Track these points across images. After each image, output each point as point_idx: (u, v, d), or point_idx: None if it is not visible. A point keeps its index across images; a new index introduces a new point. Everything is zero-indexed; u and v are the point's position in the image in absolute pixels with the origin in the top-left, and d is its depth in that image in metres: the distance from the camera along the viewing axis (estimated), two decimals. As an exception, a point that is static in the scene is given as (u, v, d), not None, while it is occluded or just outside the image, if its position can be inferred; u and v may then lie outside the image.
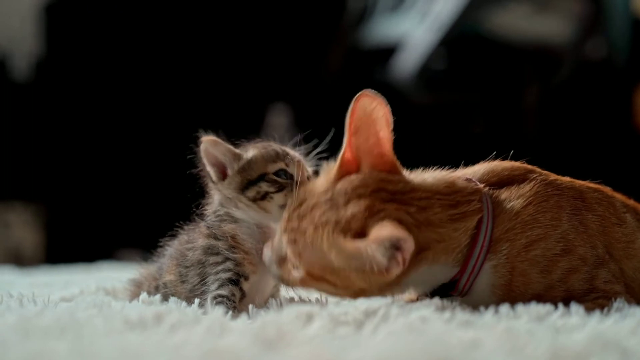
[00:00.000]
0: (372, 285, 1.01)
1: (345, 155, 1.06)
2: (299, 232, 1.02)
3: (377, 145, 1.05)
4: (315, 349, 0.77)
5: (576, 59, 3.36)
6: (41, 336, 0.85)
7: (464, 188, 1.06)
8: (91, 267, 2.35)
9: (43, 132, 3.64)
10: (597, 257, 1.06)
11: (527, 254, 1.03)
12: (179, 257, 1.19)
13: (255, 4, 3.76)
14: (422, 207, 1.02)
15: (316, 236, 1.00)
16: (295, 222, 1.03)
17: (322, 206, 1.02)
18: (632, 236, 1.12)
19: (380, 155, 1.05)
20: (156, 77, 3.67)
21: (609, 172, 3.18)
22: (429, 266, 1.02)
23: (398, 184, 1.04)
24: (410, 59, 3.19)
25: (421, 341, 0.79)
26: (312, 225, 1.01)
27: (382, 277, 0.97)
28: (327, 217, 1.00)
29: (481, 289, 1.04)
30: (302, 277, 1.03)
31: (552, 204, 1.06)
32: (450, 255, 1.03)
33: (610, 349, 0.79)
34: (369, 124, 1.04)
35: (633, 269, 1.11)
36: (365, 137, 1.05)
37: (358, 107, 1.03)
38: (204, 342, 0.81)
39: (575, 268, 1.04)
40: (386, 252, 0.94)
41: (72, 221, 3.65)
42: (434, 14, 3.18)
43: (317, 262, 1.01)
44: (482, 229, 1.03)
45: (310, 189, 1.07)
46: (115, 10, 3.69)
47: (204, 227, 1.18)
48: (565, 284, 1.04)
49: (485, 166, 1.12)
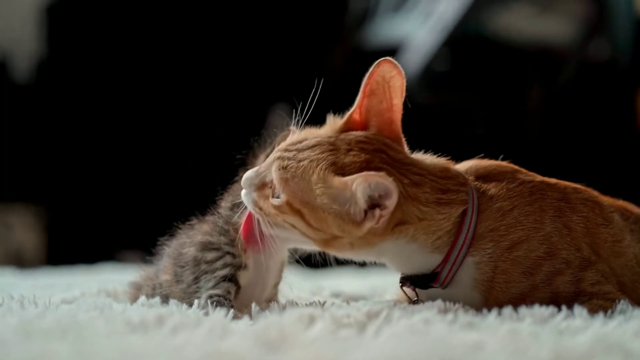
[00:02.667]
0: (344, 235, 1.02)
1: (354, 115, 1.09)
2: (293, 161, 1.04)
3: (389, 110, 1.08)
4: (318, 351, 0.77)
5: (579, 60, 3.36)
6: (42, 338, 0.84)
7: (455, 176, 1.07)
8: (92, 268, 2.35)
9: (44, 133, 3.64)
10: (582, 260, 1.06)
11: (510, 254, 1.04)
12: (175, 256, 1.18)
13: (257, 5, 3.76)
14: (414, 182, 1.04)
15: (308, 168, 1.02)
16: (292, 153, 1.05)
17: (323, 147, 1.04)
18: (619, 235, 1.12)
19: (390, 122, 1.08)
20: (158, 78, 3.67)
21: (612, 173, 3.18)
22: (407, 242, 1.04)
23: (399, 153, 1.07)
24: (413, 60, 3.19)
25: (424, 343, 0.79)
26: (308, 158, 1.03)
27: (355, 227, 1.00)
28: (326, 156, 1.03)
29: (463, 282, 1.06)
30: (279, 205, 1.04)
31: (535, 207, 1.07)
32: (429, 237, 1.04)
33: (614, 351, 0.78)
34: (385, 89, 1.07)
35: (622, 267, 1.11)
36: (378, 100, 1.07)
37: (378, 71, 1.06)
38: (205, 344, 0.81)
39: (559, 271, 1.04)
40: (369, 197, 0.97)
41: (74, 223, 3.65)
42: (436, 14, 3.18)
43: (300, 193, 1.02)
44: (465, 221, 1.04)
45: (313, 131, 1.09)
46: (116, 11, 3.68)
47: (210, 223, 1.17)
48: (550, 286, 1.04)
49: (473, 162, 1.14)
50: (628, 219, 1.16)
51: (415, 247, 1.04)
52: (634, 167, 3.25)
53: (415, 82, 3.17)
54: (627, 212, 1.17)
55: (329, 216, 1.01)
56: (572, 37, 3.25)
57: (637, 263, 1.12)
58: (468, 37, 3.20)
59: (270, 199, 1.05)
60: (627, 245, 1.12)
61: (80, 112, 3.65)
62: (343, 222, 1.00)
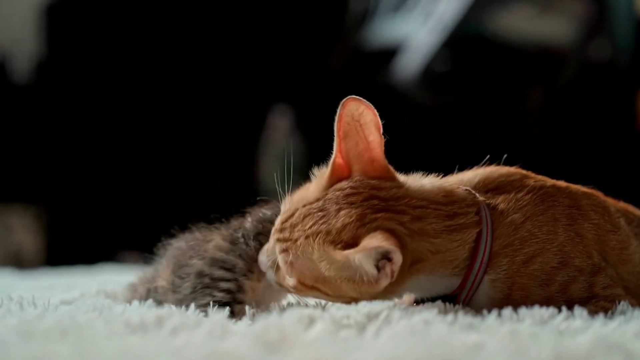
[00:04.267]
0: (363, 295, 1.01)
1: (337, 160, 1.05)
2: (290, 242, 1.02)
3: (367, 150, 1.04)
4: (318, 352, 0.77)
5: (579, 61, 3.36)
6: (42, 339, 0.84)
7: (462, 199, 1.04)
8: (92, 269, 2.35)
9: (44, 134, 3.64)
10: (593, 266, 1.05)
11: (526, 269, 1.02)
12: (177, 266, 1.16)
13: (257, 5, 3.76)
14: (417, 217, 1.00)
15: (307, 246, 1.00)
16: (287, 232, 1.03)
17: (314, 215, 1.01)
18: (626, 242, 1.11)
19: (371, 161, 1.04)
20: (157, 78, 3.67)
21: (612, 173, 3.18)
22: (427, 276, 1.01)
23: (390, 190, 1.02)
24: (413, 61, 3.19)
25: (424, 344, 0.79)
26: (303, 235, 1.00)
27: (371, 287, 0.98)
28: (318, 227, 1.00)
29: (481, 302, 1.04)
30: (295, 286, 1.03)
31: (548, 217, 1.05)
32: (447, 267, 1.02)
33: (614, 352, 0.78)
34: (357, 129, 1.03)
35: (628, 273, 1.10)
36: (354, 142, 1.04)
37: (345, 113, 1.02)
38: (205, 344, 0.81)
39: (573, 279, 1.03)
40: (374, 262, 0.95)
41: (73, 223, 3.65)
42: (436, 14, 3.18)
43: (308, 272, 1.01)
44: (481, 243, 1.02)
45: (302, 196, 1.06)
46: (116, 11, 3.68)
47: (227, 240, 1.14)
48: (565, 294, 1.03)
49: (480, 172, 1.11)
50: (631, 223, 1.15)
51: (435, 277, 1.02)
52: (634, 167, 3.25)
53: (415, 82, 3.17)
54: (630, 215, 1.17)
55: (342, 284, 0.99)
56: (572, 37, 3.25)
57: None
58: (468, 38, 3.20)
59: (286, 279, 1.05)
60: (633, 252, 1.11)
61: (79, 113, 3.65)
62: (358, 286, 0.99)
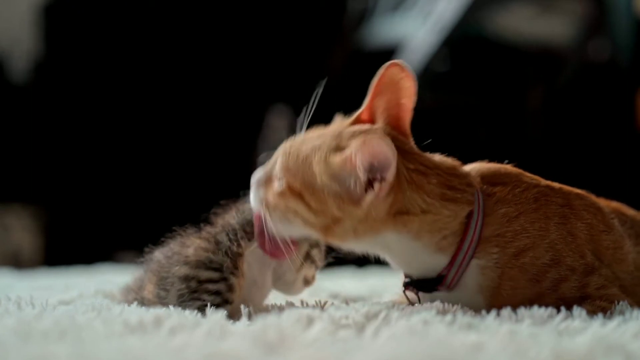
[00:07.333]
0: (345, 216, 1.01)
1: (362, 115, 1.09)
2: (296, 148, 1.05)
3: (398, 108, 1.08)
4: (317, 353, 0.77)
5: (579, 61, 3.35)
6: (41, 339, 0.84)
7: (463, 176, 1.07)
8: (90, 269, 2.34)
9: (42, 134, 3.63)
10: (586, 266, 1.06)
11: (517, 261, 1.03)
12: (157, 278, 1.13)
13: (256, 5, 3.76)
14: (420, 171, 1.03)
15: (311, 152, 1.03)
16: (297, 144, 1.06)
17: (327, 137, 1.04)
18: (620, 242, 1.12)
19: (397, 118, 1.08)
20: (156, 78, 3.67)
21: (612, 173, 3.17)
22: (412, 239, 1.03)
23: (406, 144, 1.06)
24: (412, 60, 3.18)
25: (423, 344, 0.79)
26: (311, 146, 1.04)
27: (356, 207, 0.99)
28: (328, 142, 1.03)
29: (468, 286, 1.05)
30: (281, 191, 1.04)
31: (540, 214, 1.06)
32: (435, 235, 1.03)
33: (614, 352, 0.78)
34: (394, 90, 1.07)
35: (623, 272, 1.11)
36: (387, 99, 1.07)
37: (386, 74, 1.06)
38: (204, 345, 0.81)
39: (565, 277, 1.04)
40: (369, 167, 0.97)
41: (71, 224, 3.64)
42: (436, 14, 3.18)
43: (301, 175, 1.03)
44: (472, 222, 1.03)
45: (318, 129, 1.09)
46: (114, 11, 3.68)
47: (211, 241, 1.12)
48: (556, 292, 1.04)
49: (478, 165, 1.13)
50: (625, 224, 1.16)
51: (420, 245, 1.03)
52: (634, 167, 3.25)
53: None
54: (623, 216, 1.17)
55: (329, 197, 1.01)
56: (572, 37, 3.25)
57: (636, 268, 1.12)
58: (468, 38, 3.20)
59: (274, 188, 1.06)
60: (627, 252, 1.12)
61: (78, 113, 3.65)
62: (343, 202, 1.00)
